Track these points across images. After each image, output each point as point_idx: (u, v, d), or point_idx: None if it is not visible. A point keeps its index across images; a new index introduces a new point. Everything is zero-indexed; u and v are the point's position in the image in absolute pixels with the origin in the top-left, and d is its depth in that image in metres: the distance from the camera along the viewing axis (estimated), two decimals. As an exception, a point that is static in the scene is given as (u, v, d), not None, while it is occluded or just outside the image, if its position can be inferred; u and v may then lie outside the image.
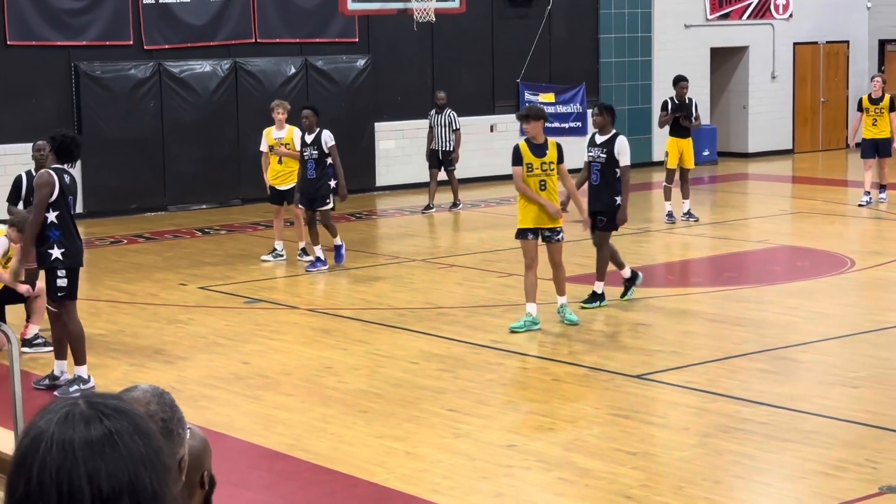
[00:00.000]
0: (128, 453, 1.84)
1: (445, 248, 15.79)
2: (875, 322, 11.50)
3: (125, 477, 1.83)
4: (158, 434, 1.94)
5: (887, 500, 7.00)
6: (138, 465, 1.84)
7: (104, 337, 11.59)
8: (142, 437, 1.88)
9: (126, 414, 1.90)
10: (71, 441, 1.83)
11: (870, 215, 18.25)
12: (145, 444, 1.87)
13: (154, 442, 1.89)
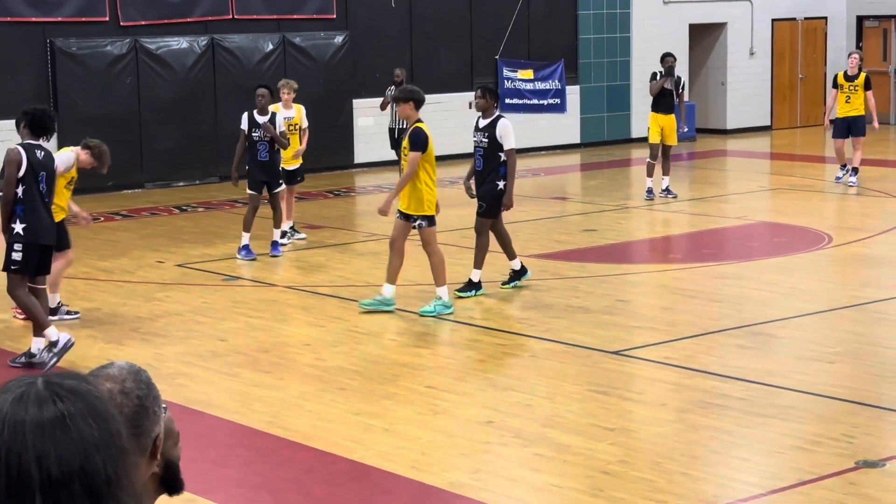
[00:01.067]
0: (80, 437, 1.80)
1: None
2: (852, 298, 11.55)
3: (76, 461, 1.78)
4: (118, 417, 1.89)
5: (864, 474, 7.04)
6: (91, 450, 1.80)
7: (81, 315, 11.54)
8: (97, 421, 1.83)
9: (82, 396, 1.85)
10: (22, 422, 1.79)
11: (847, 191, 18.31)
12: (100, 428, 1.82)
13: (110, 425, 1.84)
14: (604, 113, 24.70)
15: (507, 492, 6.95)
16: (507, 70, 23.28)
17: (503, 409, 8.41)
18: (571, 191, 20.24)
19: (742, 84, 26.59)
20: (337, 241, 14.99)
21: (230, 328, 10.99)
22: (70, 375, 1.92)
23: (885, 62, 27.42)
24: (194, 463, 7.24)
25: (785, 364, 9.41)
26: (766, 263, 13.26)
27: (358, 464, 7.46)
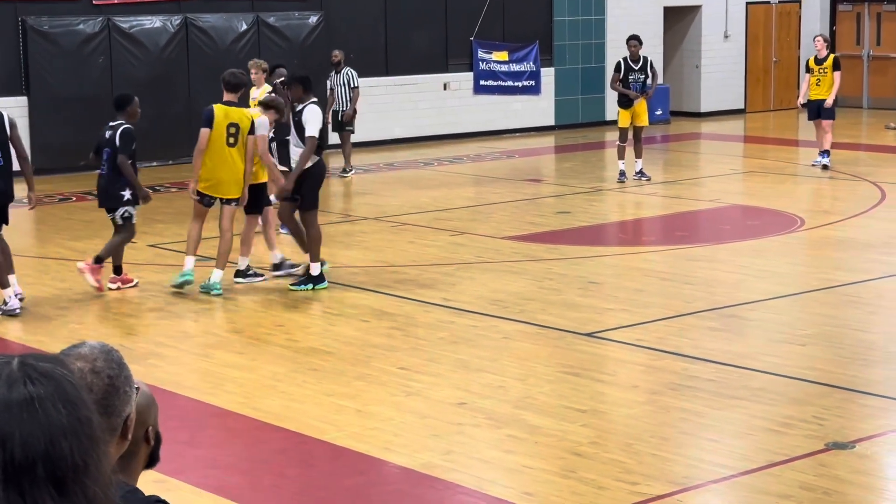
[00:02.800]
0: (47, 421, 1.78)
1: (397, 206, 15.76)
2: (823, 280, 11.60)
3: (41, 445, 1.77)
4: (90, 405, 1.86)
5: (834, 455, 7.08)
6: (57, 435, 1.78)
7: (52, 295, 11.50)
8: (67, 406, 1.81)
9: (55, 380, 1.83)
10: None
11: (820, 174, 18.37)
12: (69, 414, 1.80)
13: (80, 412, 1.82)
14: (578, 95, 24.70)
15: (479, 473, 6.97)
16: (481, 52, 23.27)
17: (475, 391, 8.42)
18: (545, 173, 20.26)
19: (716, 67, 26.64)
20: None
21: (202, 309, 10.97)
22: (47, 358, 1.89)
23: (859, 46, 27.50)
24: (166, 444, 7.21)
25: (756, 346, 9.45)
26: (738, 246, 13.30)
27: (330, 445, 7.46)
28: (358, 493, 6.85)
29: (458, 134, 23.06)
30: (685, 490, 6.72)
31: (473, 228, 14.45)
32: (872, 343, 9.59)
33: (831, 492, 6.58)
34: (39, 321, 10.59)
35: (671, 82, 26.11)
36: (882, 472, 7.15)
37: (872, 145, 21.63)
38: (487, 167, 19.91)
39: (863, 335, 9.78)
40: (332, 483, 6.97)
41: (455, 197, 16.86)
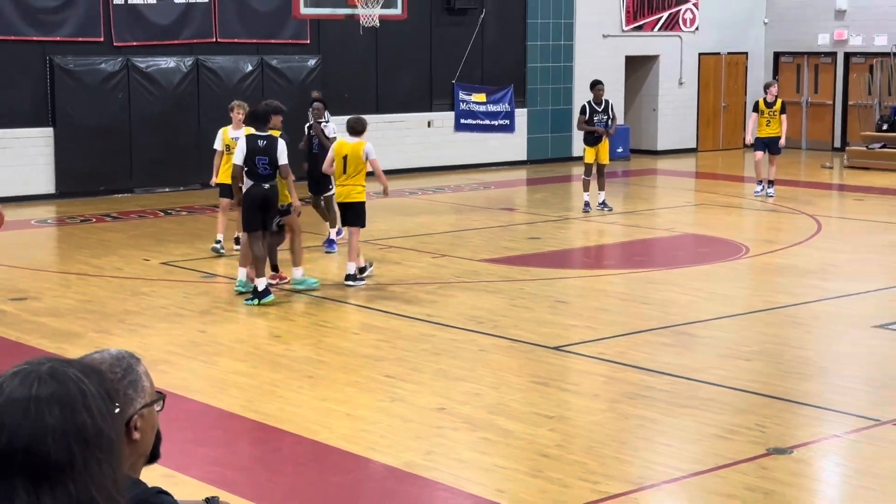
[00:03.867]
0: (37, 420, 1.77)
1: (385, 230, 15.74)
2: (766, 302, 11.63)
3: (23, 440, 1.76)
4: (94, 411, 1.83)
5: (774, 460, 7.09)
6: (43, 434, 1.76)
7: (73, 307, 11.45)
8: (62, 410, 1.79)
9: (63, 384, 1.82)
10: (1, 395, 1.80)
11: (763, 207, 18.45)
12: (62, 417, 1.78)
13: (76, 417, 1.80)
14: (548, 134, 24.77)
15: (456, 472, 6.95)
16: (462, 93, 23.33)
17: (454, 398, 8.41)
18: (518, 203, 20.28)
19: (671, 110, 26.76)
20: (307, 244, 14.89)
21: (209, 320, 10.93)
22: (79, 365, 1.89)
23: (798, 93, 27.67)
24: (174, 442, 7.19)
25: (705, 361, 9.46)
26: (690, 271, 13.33)
27: (322, 444, 7.44)
28: (346, 489, 6.83)
29: (440, 167, 23.08)
30: (641, 489, 6.72)
31: (453, 251, 14.46)
32: (808, 359, 9.61)
33: (771, 493, 6.59)
34: (62, 330, 10.54)
35: (631, 123, 26.22)
36: (817, 475, 7.16)
37: (810, 182, 21.73)
38: (466, 197, 19.93)
39: (800, 352, 9.80)
40: (324, 479, 6.95)
41: (437, 223, 16.87)
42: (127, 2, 19.59)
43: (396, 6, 17.93)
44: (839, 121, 27.04)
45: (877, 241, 15.17)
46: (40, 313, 11.15)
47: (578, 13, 24.91)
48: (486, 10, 23.48)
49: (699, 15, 26.70)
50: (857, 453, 7.33)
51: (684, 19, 26.56)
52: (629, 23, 25.77)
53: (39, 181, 18.96)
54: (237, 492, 6.59)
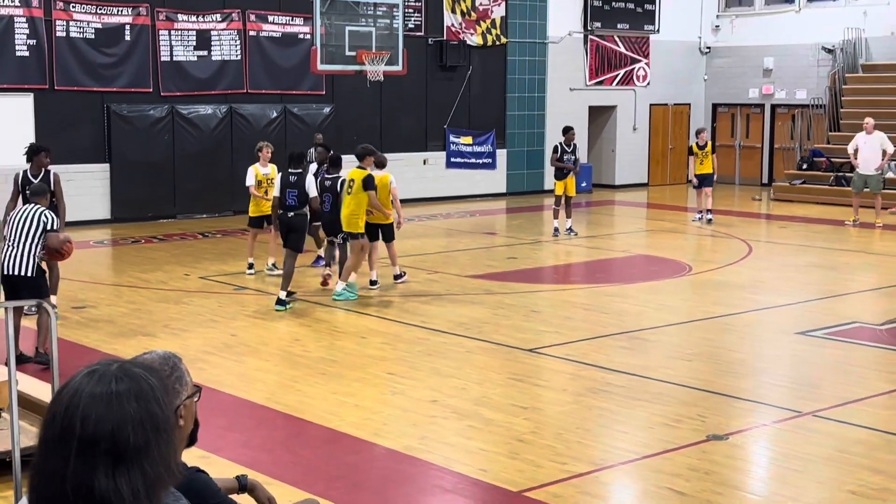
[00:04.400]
0: (119, 410, 1.77)
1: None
2: (706, 312, 11.63)
3: (108, 427, 1.76)
4: (161, 403, 1.84)
5: (712, 445, 7.08)
6: (125, 422, 1.77)
7: (125, 313, 11.41)
8: (139, 402, 1.80)
9: (136, 380, 1.83)
10: (83, 391, 1.79)
11: (702, 232, 18.47)
12: (140, 408, 1.79)
13: (151, 407, 1.81)
14: (524, 170, 24.79)
15: (446, 454, 6.92)
16: (452, 136, 23.33)
17: (445, 392, 8.38)
18: (499, 228, 20.28)
19: (627, 151, 26.82)
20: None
21: (239, 326, 10.89)
22: (141, 364, 1.90)
23: (733, 137, 27.75)
24: (209, 429, 7.15)
25: (655, 361, 9.45)
26: (642, 286, 13.33)
27: (334, 431, 7.41)
28: (354, 468, 6.79)
29: (433, 197, 23.07)
30: (602, 469, 6.70)
31: (444, 269, 14.44)
32: (742, 360, 9.60)
33: (711, 472, 6.57)
34: (115, 333, 10.50)
35: (593, 162, 26.25)
36: (749, 458, 7.14)
37: (742, 212, 21.76)
38: (455, 223, 19.92)
39: (734, 354, 9.80)
40: (335, 460, 6.91)
41: (431, 245, 16.86)
42: (172, 59, 19.60)
43: (398, 63, 17.95)
44: (767, 161, 27.11)
45: (798, 262, 15.19)
46: (98, 319, 11.10)
47: (550, 70, 24.97)
48: (473, 68, 23.53)
49: (650, 72, 26.79)
50: (782, 439, 7.32)
51: (638, 76, 26.64)
52: (592, 78, 25.84)
53: (97, 208, 18.91)
54: (263, 470, 6.55)
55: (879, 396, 8.31)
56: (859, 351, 9.88)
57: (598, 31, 25.58)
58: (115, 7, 18.97)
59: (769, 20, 26.76)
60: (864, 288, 13.16)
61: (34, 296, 8.78)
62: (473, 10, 23.45)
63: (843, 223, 19.22)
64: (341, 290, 12.10)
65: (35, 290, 8.69)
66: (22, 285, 8.67)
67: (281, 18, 20.79)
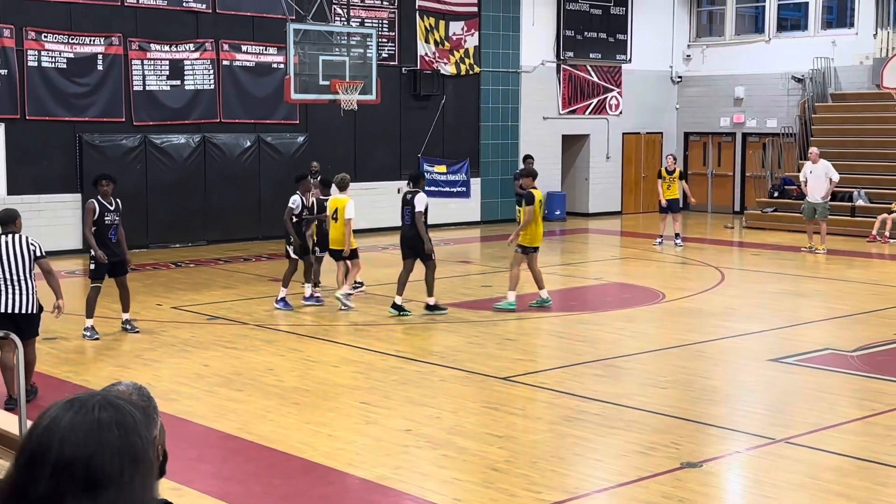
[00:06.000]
0: (100, 438, 1.77)
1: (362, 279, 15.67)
2: (679, 340, 11.67)
3: (87, 451, 1.75)
4: (142, 435, 1.83)
5: (686, 472, 7.08)
6: (104, 449, 1.75)
7: (96, 345, 11.31)
8: (119, 430, 1.79)
9: (119, 410, 1.82)
10: (61, 419, 1.79)
11: (675, 260, 18.56)
12: (120, 436, 1.78)
13: (130, 437, 1.80)
14: (498, 199, 24.87)
15: (420, 483, 6.89)
16: (426, 165, 23.40)
17: (419, 420, 8.35)
18: (473, 256, 20.30)
19: (600, 180, 26.97)
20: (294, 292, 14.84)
21: (211, 356, 10.82)
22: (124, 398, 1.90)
23: (705, 166, 27.98)
24: (180, 460, 7.09)
25: (629, 389, 9.47)
26: (616, 313, 13.37)
27: (307, 461, 7.36)
28: (328, 499, 6.75)
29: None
30: (576, 498, 6.68)
31: (419, 297, 14.42)
32: (715, 387, 9.64)
33: (685, 500, 6.57)
34: (86, 364, 10.41)
35: (567, 190, 26.37)
36: (723, 485, 7.16)
37: (715, 240, 21.92)
38: (430, 251, 19.90)
39: (708, 381, 9.83)
40: (309, 490, 6.87)
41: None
42: (145, 88, 19.58)
43: (371, 93, 18.01)
44: (738, 189, 27.34)
45: (770, 289, 15.29)
46: (69, 350, 11.00)
47: (523, 99, 25.13)
48: (447, 96, 23.64)
49: (622, 101, 27.01)
50: (756, 466, 7.34)
51: (610, 105, 26.86)
52: (565, 107, 26.02)
53: (69, 238, 18.78)
54: (235, 502, 6.50)
55: (851, 423, 8.36)
56: (831, 378, 9.95)
57: (571, 61, 25.79)
58: (87, 37, 18.95)
59: (739, 50, 27.08)
60: (835, 315, 13.26)
61: (34, 333, 8.72)
62: (447, 40, 23.59)
63: (801, 249, 19.42)
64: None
65: (36, 328, 8.69)
66: (24, 323, 8.59)
67: (254, 48, 20.83)
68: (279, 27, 18.84)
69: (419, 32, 23.12)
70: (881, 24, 24.75)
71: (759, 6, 27.23)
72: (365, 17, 22.21)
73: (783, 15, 27.07)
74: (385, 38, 22.41)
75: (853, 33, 25.24)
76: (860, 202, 22.76)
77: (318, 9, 18.32)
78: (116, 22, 19.22)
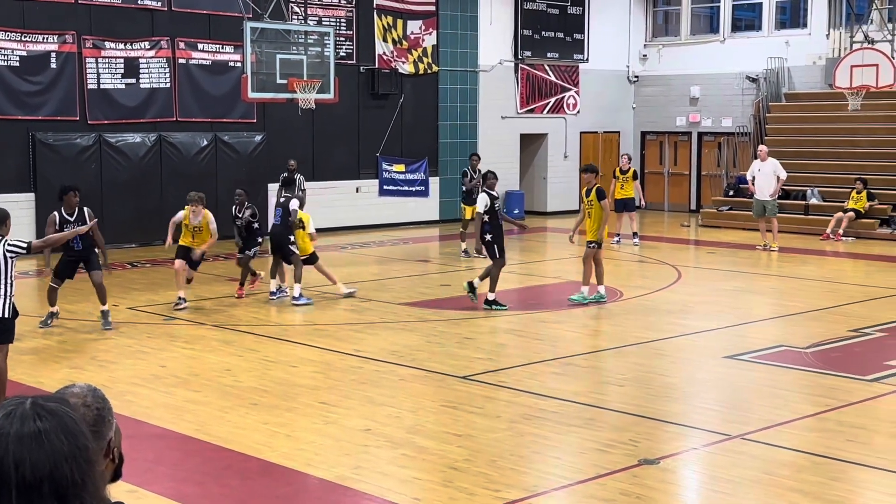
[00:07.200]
0: (51, 449, 1.74)
1: (320, 279, 15.62)
2: (637, 338, 11.75)
3: (46, 468, 1.72)
4: (88, 435, 1.82)
5: (644, 469, 7.13)
6: (60, 460, 1.74)
7: (50, 346, 11.16)
8: (68, 437, 1.77)
9: (59, 416, 1.79)
10: (7, 434, 1.74)
11: (633, 258, 18.68)
12: (70, 443, 1.76)
13: (79, 441, 1.78)
14: (457, 198, 24.84)
15: (380, 483, 6.88)
16: (385, 164, 23.37)
17: (378, 420, 8.34)
18: (432, 255, 20.31)
19: (558, 178, 27.08)
20: (255, 291, 14.77)
21: (168, 357, 10.73)
22: (53, 398, 1.86)
23: (661, 165, 28.21)
24: (137, 462, 7.03)
25: (588, 387, 9.52)
26: (574, 311, 13.43)
27: (266, 462, 7.32)
28: (287, 500, 6.71)
29: (366, 225, 23.05)
30: (535, 496, 6.70)
31: (378, 296, 14.41)
32: (673, 385, 9.71)
33: (643, 497, 6.62)
34: (40, 366, 10.27)
35: (525, 189, 26.46)
36: (680, 482, 7.21)
37: (671, 238, 22.10)
38: (389, 250, 19.91)
39: (666, 379, 9.90)
40: (268, 491, 6.83)
41: (364, 272, 16.81)
42: (100, 86, 19.36)
43: (329, 91, 17.95)
44: (694, 187, 27.59)
45: (726, 286, 15.45)
46: (23, 352, 10.84)
47: (481, 99, 25.17)
48: (405, 95, 23.62)
49: (580, 101, 27.15)
50: (712, 463, 7.41)
51: (568, 104, 26.99)
52: (523, 106, 26.10)
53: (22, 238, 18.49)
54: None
55: (805, 419, 8.46)
56: (786, 374, 10.06)
57: (529, 60, 25.87)
58: (40, 35, 18.70)
59: (695, 50, 27.32)
60: (789, 312, 13.42)
61: (6, 340, 8.56)
62: (405, 39, 23.57)
63: (756, 247, 19.64)
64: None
65: (11, 334, 8.53)
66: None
67: (211, 46, 20.67)
68: (236, 25, 18.72)
69: (377, 31, 23.07)
70: (833, 25, 25.10)
71: (714, 7, 27.50)
72: (322, 15, 22.13)
73: (738, 15, 27.35)
74: (343, 36, 22.35)
75: (806, 33, 25.57)
76: (814, 201, 23.06)
77: (275, 7, 18.22)
78: (70, 19, 18.99)
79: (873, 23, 24.09)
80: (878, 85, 21.62)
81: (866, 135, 23.69)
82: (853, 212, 21.38)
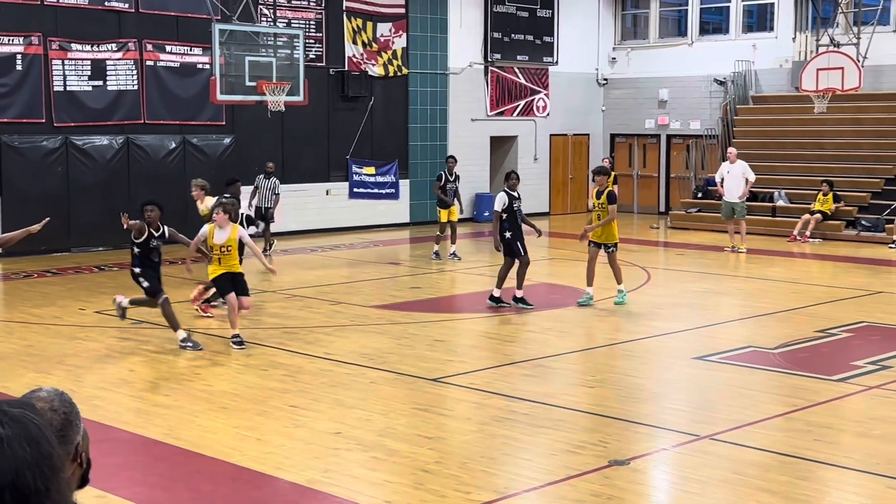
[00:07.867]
0: (13, 457, 1.70)
1: (290, 282, 15.59)
2: (607, 339, 11.80)
3: (8, 476, 1.69)
4: (51, 441, 1.78)
5: (614, 470, 7.16)
6: (23, 468, 1.70)
7: (16, 351, 11.05)
8: (30, 444, 1.73)
9: (22, 423, 1.76)
10: None
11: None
12: (32, 451, 1.73)
13: (43, 448, 1.75)
14: (427, 200, 24.86)
15: (350, 486, 6.86)
16: (355, 167, 23.34)
17: (349, 423, 8.32)
18: (402, 258, 20.29)
19: (528, 181, 27.08)
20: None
21: (137, 361, 10.65)
22: (17, 404, 1.82)
23: (630, 167, 28.35)
24: (105, 467, 6.97)
25: (558, 388, 9.54)
26: (545, 313, 13.47)
27: (236, 466, 7.28)
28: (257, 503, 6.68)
29: (336, 228, 23.00)
30: (506, 497, 6.71)
31: (348, 299, 14.38)
32: (642, 385, 9.76)
33: (613, 497, 6.64)
34: (6, 371, 10.15)
35: (495, 192, 26.39)
36: (650, 482, 7.25)
37: (641, 240, 22.21)
38: (359, 253, 19.88)
39: (635, 380, 9.95)
40: (238, 496, 6.79)
41: (334, 275, 16.78)
42: (66, 89, 19.20)
43: (299, 94, 17.90)
44: (663, 190, 27.76)
45: (695, 288, 15.55)
46: (-13, 357, 10.73)
47: (451, 101, 25.20)
48: (375, 98, 23.60)
49: (550, 103, 27.24)
50: (682, 463, 7.45)
51: (538, 106, 27.06)
52: (493, 109, 26.15)
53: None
54: (161, 509, 6.40)
55: (773, 419, 8.53)
56: (753, 375, 10.14)
57: (499, 63, 25.93)
58: (5, 36, 18.52)
59: (663, 53, 27.49)
60: (757, 313, 13.53)
61: None
62: (374, 41, 23.55)
63: (724, 249, 19.78)
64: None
65: None
66: None
67: (179, 48, 20.55)
68: (204, 27, 18.63)
69: (347, 34, 23.04)
70: (800, 28, 25.34)
71: (682, 10, 27.68)
72: (292, 17, 22.07)
73: (705, 18, 27.55)
74: (312, 38, 22.29)
75: (773, 37, 25.79)
76: (781, 203, 23.26)
77: (243, 9, 18.16)
78: (36, 21, 18.82)
79: (839, 26, 24.36)
80: (844, 88, 21.87)
81: (832, 137, 23.93)
82: (820, 214, 21.59)
